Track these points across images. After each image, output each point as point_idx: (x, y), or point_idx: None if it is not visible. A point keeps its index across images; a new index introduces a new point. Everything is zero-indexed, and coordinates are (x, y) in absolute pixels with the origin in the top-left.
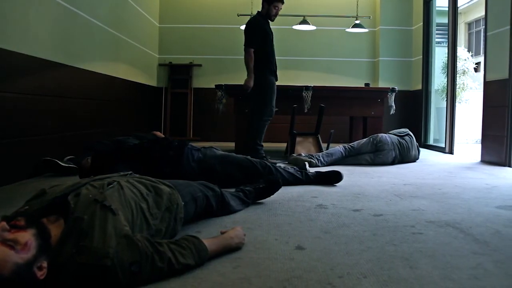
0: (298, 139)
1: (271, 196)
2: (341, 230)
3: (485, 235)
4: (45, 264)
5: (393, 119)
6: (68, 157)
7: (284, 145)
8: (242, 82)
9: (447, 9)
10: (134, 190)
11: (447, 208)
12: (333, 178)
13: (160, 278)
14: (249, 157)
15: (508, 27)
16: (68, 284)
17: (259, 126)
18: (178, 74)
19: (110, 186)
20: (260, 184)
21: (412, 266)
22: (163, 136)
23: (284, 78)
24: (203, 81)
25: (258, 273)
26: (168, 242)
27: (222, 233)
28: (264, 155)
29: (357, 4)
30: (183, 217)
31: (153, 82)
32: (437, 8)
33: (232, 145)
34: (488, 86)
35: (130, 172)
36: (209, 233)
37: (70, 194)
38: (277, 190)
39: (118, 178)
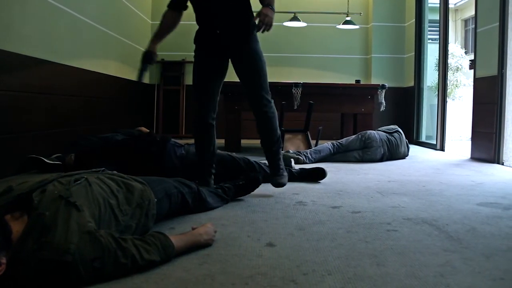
0: (287, 136)
1: (252, 193)
2: (315, 227)
3: (460, 232)
4: (4, 260)
5: (385, 116)
6: (56, 155)
7: None
8: (232, 79)
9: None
10: (104, 187)
11: (427, 205)
12: (317, 175)
13: (124, 274)
14: (233, 154)
15: (497, 23)
16: (30, 280)
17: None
18: (170, 71)
19: (77, 182)
20: (240, 181)
21: (379, 264)
22: (147, 131)
23: (276, 74)
24: None
25: (223, 270)
26: (133, 238)
27: (194, 229)
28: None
29: (348, 1)
30: (155, 213)
31: (145, 79)
32: (429, 5)
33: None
34: (478, 83)
35: (103, 168)
36: (183, 230)
37: (36, 190)
38: (257, 187)
39: (87, 175)
